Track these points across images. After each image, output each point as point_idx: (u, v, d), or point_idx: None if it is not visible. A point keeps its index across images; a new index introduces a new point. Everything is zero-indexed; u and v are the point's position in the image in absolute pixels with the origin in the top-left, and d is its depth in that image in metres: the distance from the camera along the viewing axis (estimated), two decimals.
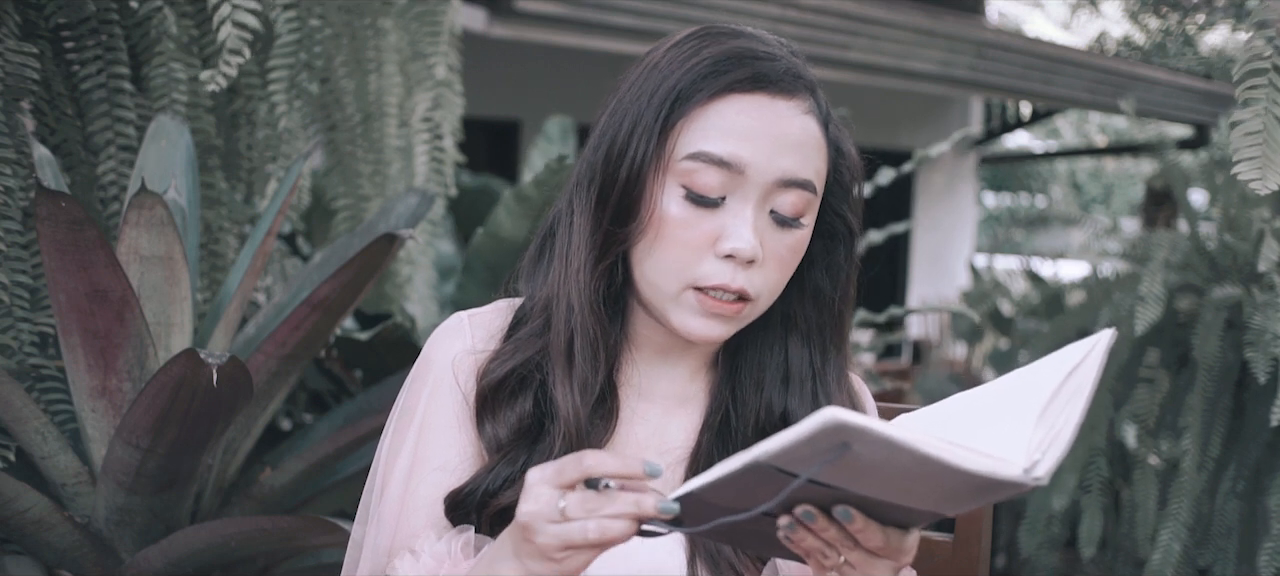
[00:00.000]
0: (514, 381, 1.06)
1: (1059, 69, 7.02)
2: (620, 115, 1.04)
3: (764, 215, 1.02)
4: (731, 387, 1.11)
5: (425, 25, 2.39)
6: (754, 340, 1.11)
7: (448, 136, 2.49)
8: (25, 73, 1.72)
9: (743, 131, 1.00)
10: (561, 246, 1.08)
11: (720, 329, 1.04)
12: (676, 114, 1.01)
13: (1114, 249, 4.13)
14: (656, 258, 1.03)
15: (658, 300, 1.04)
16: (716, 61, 1.01)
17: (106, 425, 1.63)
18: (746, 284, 1.01)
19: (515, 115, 6.92)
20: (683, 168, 1.00)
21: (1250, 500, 3.14)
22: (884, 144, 8.25)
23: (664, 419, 1.11)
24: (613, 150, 1.03)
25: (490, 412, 1.06)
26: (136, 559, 1.62)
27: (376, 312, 2.41)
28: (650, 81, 1.03)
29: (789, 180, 1.01)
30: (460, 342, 1.09)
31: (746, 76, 1.01)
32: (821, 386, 1.11)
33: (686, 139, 1.00)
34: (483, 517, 1.04)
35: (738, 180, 1.00)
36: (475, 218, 3.11)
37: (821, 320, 1.11)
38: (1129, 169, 14.84)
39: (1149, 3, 6.68)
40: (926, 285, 8.77)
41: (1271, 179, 1.27)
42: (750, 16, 5.17)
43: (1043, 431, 0.85)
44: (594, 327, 1.05)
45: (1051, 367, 0.90)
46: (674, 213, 1.01)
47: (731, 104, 1.00)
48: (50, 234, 1.46)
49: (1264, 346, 2.88)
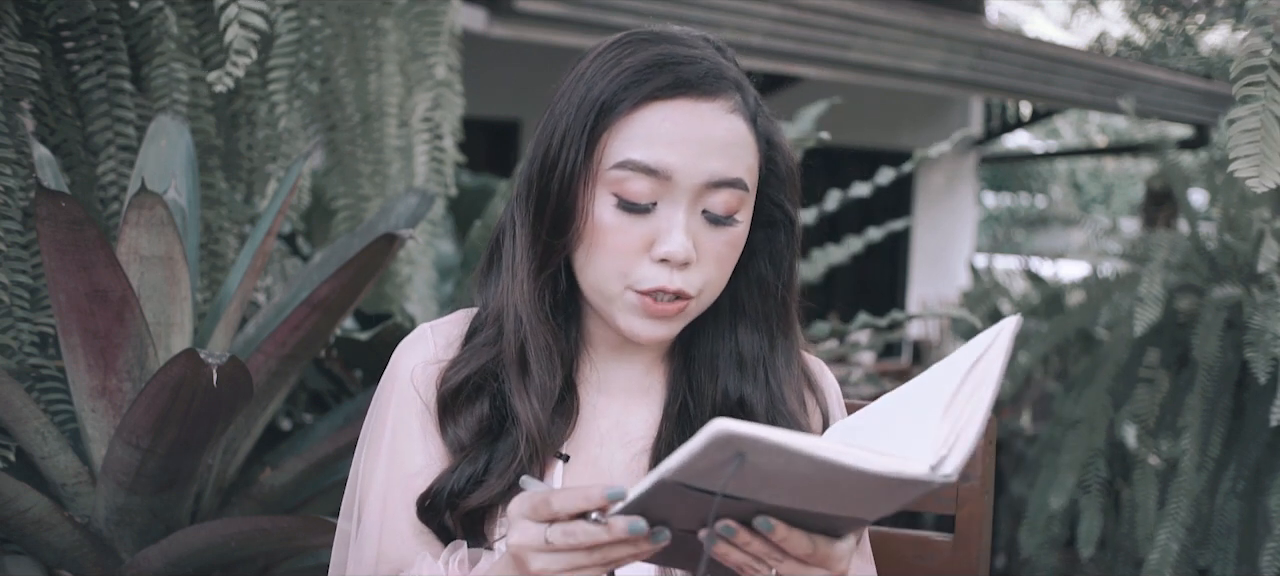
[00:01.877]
0: (470, 387, 1.09)
1: (1059, 69, 7.02)
2: (551, 126, 1.06)
3: (696, 216, 1.03)
4: (687, 376, 1.13)
5: (425, 25, 2.39)
6: (705, 330, 1.13)
7: (448, 136, 2.49)
8: (25, 73, 1.72)
9: (667, 138, 1.01)
10: (507, 258, 1.10)
11: (664, 330, 1.06)
12: (601, 124, 1.02)
13: (1114, 249, 4.13)
14: (594, 264, 1.05)
15: (601, 304, 1.07)
16: (638, 71, 1.03)
17: (106, 425, 1.63)
18: (684, 284, 1.03)
19: (515, 115, 6.92)
20: (611, 177, 1.02)
21: (1250, 500, 3.14)
22: (884, 144, 8.25)
23: (624, 411, 1.13)
24: (545, 161, 1.05)
25: (451, 417, 1.09)
26: (136, 559, 1.62)
27: (376, 312, 2.41)
28: (577, 92, 1.05)
29: (718, 181, 1.03)
30: (421, 353, 1.12)
31: (667, 82, 1.02)
32: (771, 371, 1.13)
33: (613, 148, 1.02)
34: (454, 518, 1.06)
35: (666, 186, 1.02)
36: (475, 217, 3.10)
37: (767, 308, 1.13)
38: (1129, 169, 14.84)
39: (1149, 3, 6.68)
40: (926, 285, 8.77)
41: (1268, 176, 1.27)
42: (750, 17, 5.16)
43: (948, 426, 0.85)
44: (545, 335, 1.08)
45: (957, 361, 0.90)
46: (607, 220, 1.03)
47: (655, 111, 1.02)
48: (50, 234, 1.46)
49: (1264, 346, 2.88)
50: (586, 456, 1.11)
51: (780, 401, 1.12)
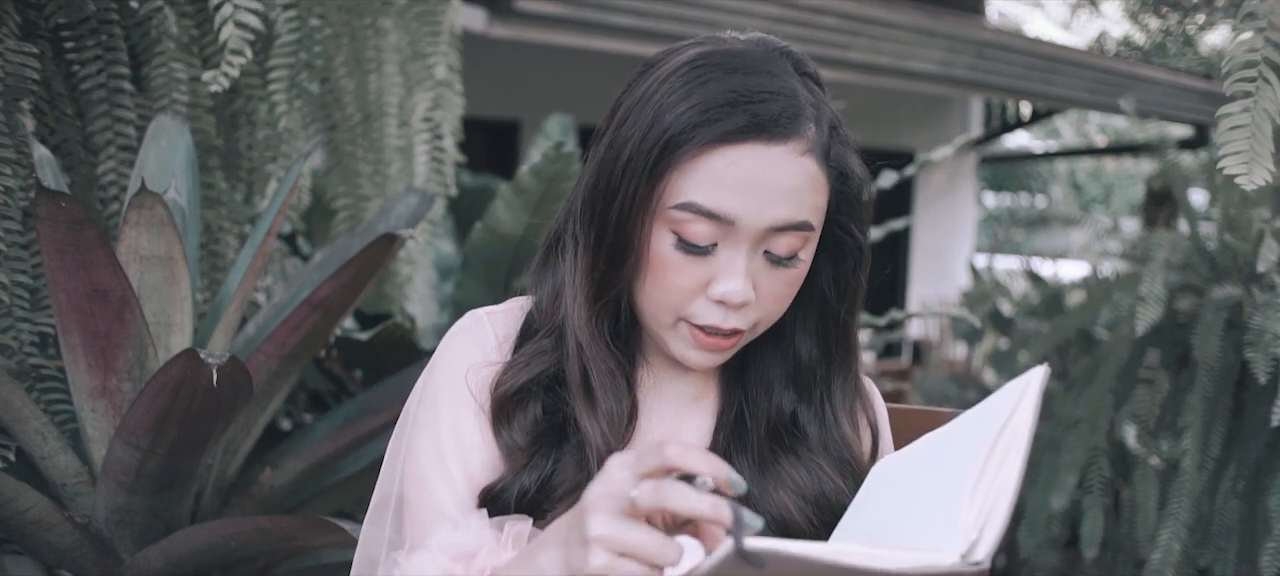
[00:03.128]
0: (526, 392, 1.07)
1: (1059, 69, 7.02)
2: (615, 150, 1.01)
3: (758, 258, 1.00)
4: (743, 388, 1.12)
5: (425, 25, 2.39)
6: (762, 345, 1.11)
7: (448, 136, 2.49)
8: (25, 73, 1.72)
9: (733, 183, 0.96)
10: (567, 272, 1.08)
11: (716, 359, 1.05)
12: (666, 160, 0.97)
13: (1114, 249, 4.13)
14: (650, 296, 1.03)
15: (656, 329, 1.06)
16: (708, 108, 0.97)
17: (106, 425, 1.63)
18: (739, 323, 1.01)
19: (515, 115, 6.92)
20: (672, 215, 0.98)
21: (1250, 500, 3.14)
22: (884, 144, 8.25)
23: (677, 418, 1.12)
24: (608, 187, 1.02)
25: (505, 420, 1.07)
26: (136, 559, 1.62)
27: (376, 312, 2.41)
28: (643, 116, 1.00)
29: (782, 226, 0.99)
30: (476, 348, 1.10)
31: (739, 126, 0.96)
32: (826, 392, 1.11)
33: (676, 187, 0.97)
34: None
35: (729, 230, 0.98)
36: (475, 217, 3.10)
37: (825, 327, 1.10)
38: (1129, 169, 14.84)
39: (1149, 3, 6.68)
40: (926, 285, 8.76)
41: (1258, 173, 1.26)
42: (750, 17, 5.16)
43: (977, 506, 0.79)
44: (608, 361, 1.06)
45: (982, 426, 0.84)
46: (665, 257, 1.00)
47: (722, 155, 0.96)
48: (50, 234, 1.46)
49: (1264, 346, 2.88)
50: None
51: (834, 426, 1.10)
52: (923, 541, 0.79)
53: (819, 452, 1.10)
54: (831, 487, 1.08)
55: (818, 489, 1.08)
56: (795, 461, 1.09)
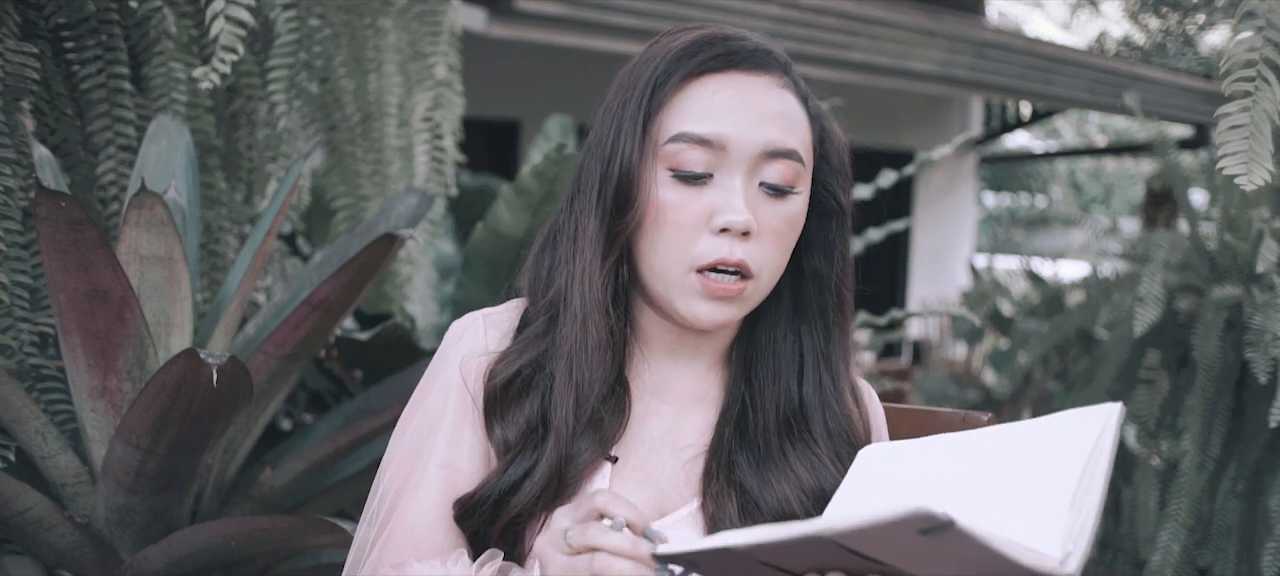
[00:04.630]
0: (520, 383, 1.07)
1: (1059, 69, 7.03)
2: (608, 118, 1.07)
3: (753, 187, 1.04)
4: (747, 379, 1.12)
5: (425, 25, 2.39)
6: (766, 331, 1.12)
7: (448, 136, 2.48)
8: (25, 73, 1.72)
9: (720, 108, 1.03)
10: (566, 249, 1.09)
11: (726, 312, 1.05)
12: (655, 102, 1.04)
13: (1114, 249, 4.13)
14: (656, 245, 1.04)
15: (664, 289, 1.06)
16: (687, 47, 1.05)
17: (106, 425, 1.63)
18: (745, 256, 1.03)
19: (515, 115, 6.92)
20: (667, 151, 1.03)
21: (1250, 500, 3.14)
22: (884, 144, 8.25)
23: (677, 416, 1.12)
24: (605, 151, 1.06)
25: (498, 414, 1.07)
26: (136, 559, 1.62)
27: (376, 313, 2.41)
28: (630, 79, 1.07)
29: (773, 150, 1.03)
30: (473, 342, 1.10)
31: (717, 54, 1.04)
32: (829, 368, 1.12)
33: (667, 124, 1.03)
34: (494, 530, 1.04)
35: (722, 156, 1.03)
36: (475, 217, 3.10)
37: (823, 300, 1.12)
38: (1129, 169, 14.84)
39: (1149, 3, 6.68)
40: (926, 285, 8.77)
41: (1257, 173, 1.26)
42: (750, 16, 5.16)
43: (1073, 518, 0.85)
44: (602, 325, 1.06)
45: (1075, 442, 0.89)
46: (666, 197, 1.03)
47: (706, 84, 1.04)
48: (50, 234, 1.46)
49: (1264, 347, 2.88)
50: (636, 460, 1.09)
51: (838, 399, 1.12)
52: (1031, 544, 0.83)
53: (822, 443, 1.10)
54: (831, 482, 1.08)
55: (817, 484, 1.08)
56: (798, 455, 1.09)
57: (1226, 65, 1.28)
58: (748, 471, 1.07)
